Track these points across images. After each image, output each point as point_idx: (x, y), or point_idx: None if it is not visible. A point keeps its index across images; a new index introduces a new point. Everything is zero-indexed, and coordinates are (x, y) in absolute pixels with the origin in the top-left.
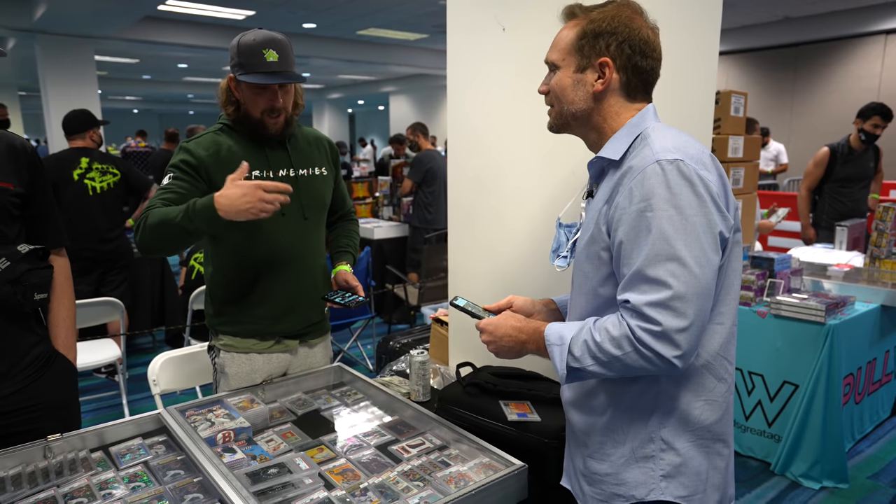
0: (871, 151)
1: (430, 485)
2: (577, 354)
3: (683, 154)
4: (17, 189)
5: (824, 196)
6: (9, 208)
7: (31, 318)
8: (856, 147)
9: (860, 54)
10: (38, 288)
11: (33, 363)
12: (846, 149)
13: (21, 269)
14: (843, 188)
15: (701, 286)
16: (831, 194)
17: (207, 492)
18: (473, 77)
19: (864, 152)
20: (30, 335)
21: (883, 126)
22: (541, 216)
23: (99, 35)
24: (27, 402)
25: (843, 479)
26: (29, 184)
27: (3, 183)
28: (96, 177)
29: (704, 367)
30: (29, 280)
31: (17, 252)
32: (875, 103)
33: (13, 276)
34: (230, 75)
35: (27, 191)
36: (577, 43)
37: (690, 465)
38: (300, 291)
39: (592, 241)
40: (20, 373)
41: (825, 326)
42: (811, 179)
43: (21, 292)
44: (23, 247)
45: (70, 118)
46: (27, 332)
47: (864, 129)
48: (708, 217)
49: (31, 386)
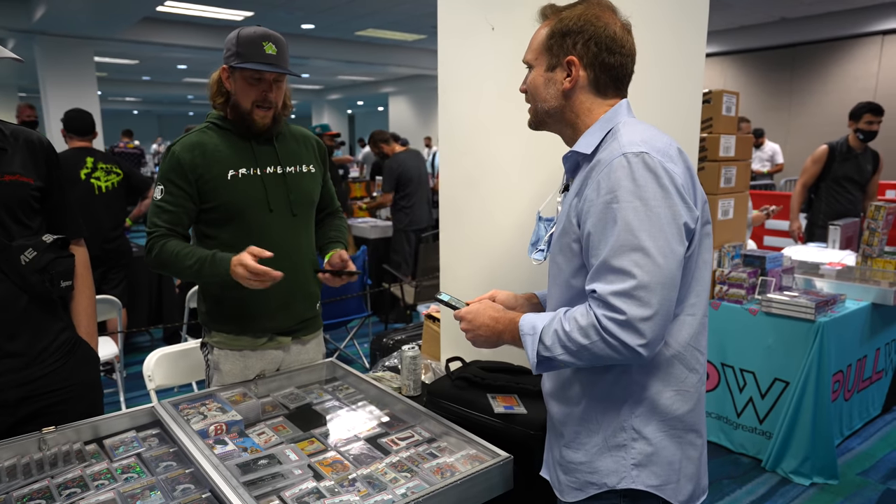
0: (869, 154)
1: (418, 475)
2: (548, 343)
3: (649, 147)
4: (37, 183)
5: (821, 194)
6: (30, 202)
7: (58, 305)
8: (855, 147)
9: (857, 55)
10: (63, 276)
11: (61, 348)
12: (845, 147)
13: (47, 258)
14: (840, 187)
15: (665, 276)
16: (828, 193)
17: (199, 482)
18: (464, 77)
19: (862, 153)
20: (57, 321)
21: (877, 121)
22: (529, 213)
23: (98, 36)
24: (59, 384)
25: (832, 476)
26: (47, 177)
27: (24, 178)
28: (101, 176)
29: (675, 358)
30: (55, 268)
31: (42, 242)
32: (863, 103)
33: (40, 266)
34: (223, 66)
35: (46, 184)
36: (547, 42)
37: (662, 455)
38: (291, 288)
39: (564, 233)
40: (51, 356)
41: (815, 324)
42: (808, 176)
43: (49, 280)
44: (47, 237)
45: (75, 118)
46: (55, 319)
47: (860, 129)
48: (672, 209)
49: (61, 369)
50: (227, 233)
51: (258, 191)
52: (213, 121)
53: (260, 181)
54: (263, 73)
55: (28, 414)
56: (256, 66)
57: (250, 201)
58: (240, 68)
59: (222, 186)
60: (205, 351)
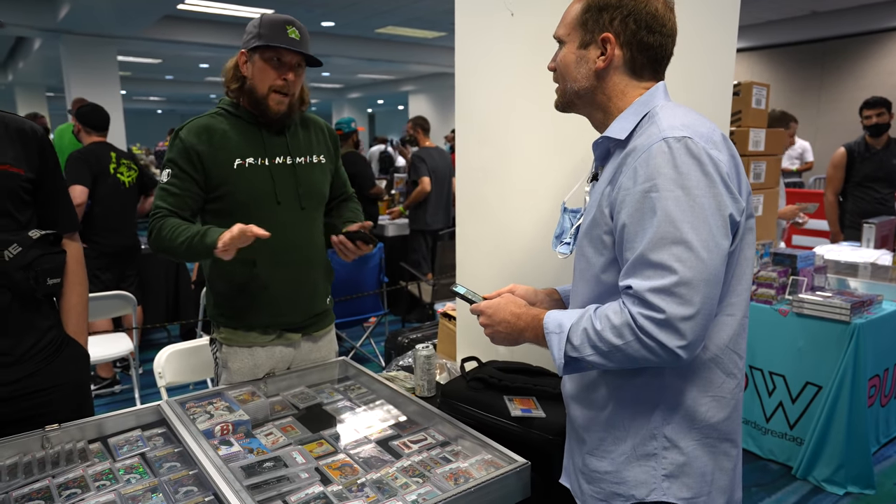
0: (893, 148)
1: (430, 481)
2: (576, 343)
3: (692, 132)
4: (27, 174)
5: (847, 197)
6: (20, 193)
7: (45, 303)
8: (872, 143)
9: (889, 49)
10: (50, 273)
11: (47, 347)
12: (863, 147)
13: (33, 254)
14: (866, 187)
15: (708, 272)
16: (854, 194)
17: (202, 485)
18: (481, 65)
19: (884, 148)
20: (44, 320)
21: (875, 113)
22: (550, 204)
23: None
24: (44, 385)
25: (868, 485)
26: (39, 169)
27: (14, 168)
28: (125, 171)
29: (712, 361)
30: (41, 266)
31: (28, 238)
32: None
33: (25, 262)
34: (241, 51)
35: (38, 176)
36: (582, 17)
37: (695, 466)
38: (300, 282)
39: (594, 225)
40: (36, 355)
41: (850, 325)
42: (836, 184)
43: (33, 277)
44: (34, 232)
45: (91, 112)
46: (41, 317)
47: (866, 125)
48: (717, 199)
49: (46, 369)
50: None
51: (266, 182)
52: (223, 107)
53: (268, 171)
54: (284, 56)
55: (12, 414)
56: (280, 45)
57: (257, 192)
58: (260, 50)
59: (228, 175)
60: (213, 348)
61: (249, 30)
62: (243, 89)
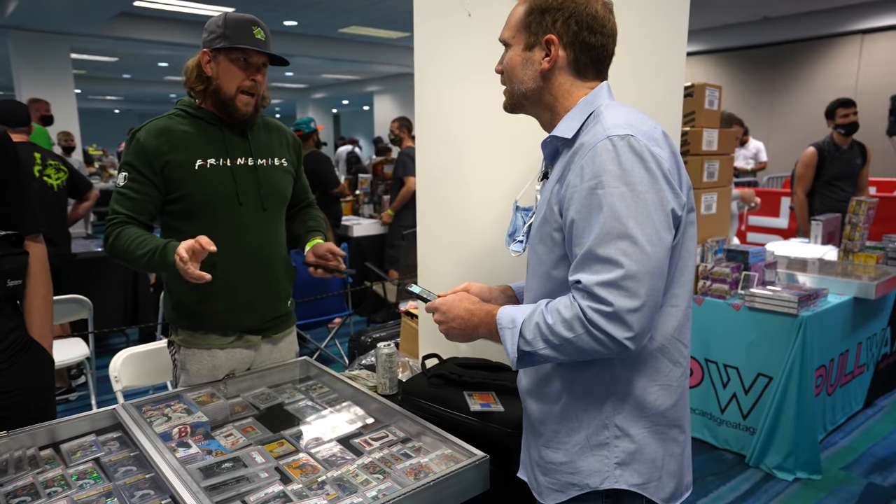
0: (856, 147)
1: (390, 477)
2: (529, 338)
3: (635, 130)
4: None
5: (815, 195)
6: None
7: (7, 305)
8: (840, 143)
9: (837, 54)
10: (10, 274)
11: (9, 348)
12: (832, 146)
13: None
14: (833, 187)
15: (653, 265)
16: (822, 192)
17: (159, 488)
18: (440, 65)
19: (850, 148)
20: (6, 321)
21: (851, 112)
22: (507, 205)
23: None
24: (7, 388)
25: (816, 471)
26: (1, 169)
27: None
28: (52, 174)
29: (659, 351)
30: (1, 266)
31: None
32: (833, 101)
33: None
34: (203, 50)
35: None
36: (525, 20)
37: (645, 452)
38: (261, 284)
39: (545, 222)
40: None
41: (798, 318)
42: (806, 182)
43: None
44: None
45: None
46: (2, 319)
47: (839, 124)
48: (660, 194)
49: (8, 371)
50: (194, 226)
51: (227, 183)
52: (182, 108)
53: (230, 172)
54: (251, 57)
55: None
56: (250, 47)
57: (218, 193)
58: (227, 51)
59: (189, 176)
60: (171, 350)
61: (212, 29)
62: (208, 90)
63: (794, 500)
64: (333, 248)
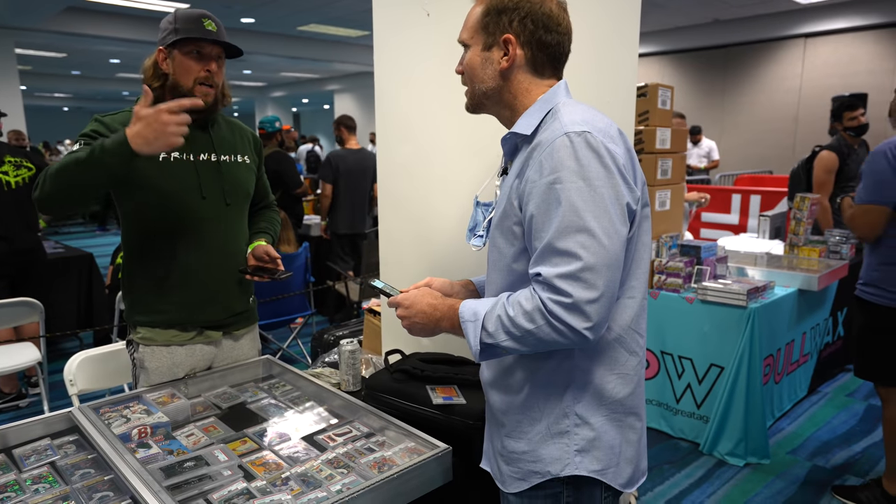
0: (864, 146)
1: (354, 471)
2: (491, 330)
3: (591, 127)
4: None
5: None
6: None
7: None
8: (851, 142)
9: (783, 56)
10: None
11: None
12: (846, 148)
13: None
14: (848, 187)
15: (610, 257)
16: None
17: (118, 489)
18: (400, 64)
19: (860, 146)
20: None
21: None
22: (468, 201)
23: (18, 26)
24: None
25: (765, 456)
26: None
27: None
28: (10, 171)
29: (616, 341)
30: None
31: None
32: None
33: None
34: (158, 48)
35: None
36: (483, 20)
37: (604, 440)
38: (222, 279)
39: (505, 217)
40: None
41: (747, 310)
42: (829, 188)
43: None
44: None
45: None
46: None
47: (848, 127)
48: (616, 189)
49: None
50: (157, 218)
51: (190, 176)
52: None
53: (192, 167)
54: (204, 48)
55: None
56: (200, 36)
57: (181, 186)
58: (179, 44)
59: (151, 168)
60: (130, 349)
61: (164, 26)
62: (166, 86)
63: (745, 484)
64: (270, 250)
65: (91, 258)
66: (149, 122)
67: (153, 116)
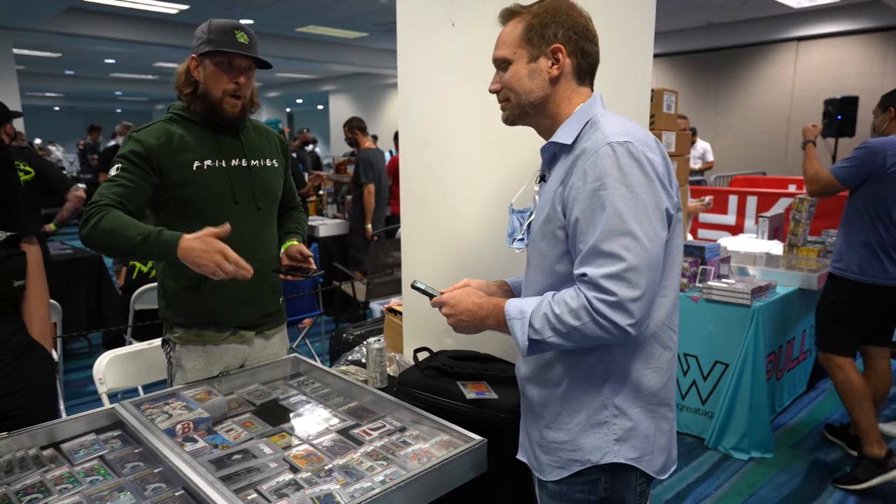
0: None
1: (394, 463)
2: (538, 327)
3: (632, 137)
4: None
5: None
6: None
7: (10, 306)
8: None
9: (775, 59)
10: (15, 275)
11: (14, 349)
12: None
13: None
14: None
15: (651, 258)
16: None
17: (169, 481)
18: (425, 70)
19: None
20: (9, 323)
21: None
22: (490, 203)
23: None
24: (12, 388)
25: (768, 450)
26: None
27: None
28: None
29: (652, 337)
30: (7, 267)
31: None
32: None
33: None
34: (192, 56)
35: None
36: (526, 35)
37: (640, 429)
38: (255, 281)
39: (548, 221)
40: (3, 358)
41: (751, 308)
42: None
43: (1, 280)
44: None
45: None
46: (7, 320)
47: None
48: (656, 195)
49: (14, 372)
50: (192, 224)
51: (223, 183)
52: (176, 112)
53: (225, 173)
54: (235, 61)
55: None
56: (230, 50)
57: (215, 193)
58: (211, 55)
59: (187, 177)
60: (166, 348)
61: (199, 35)
62: (196, 94)
63: (750, 477)
64: (303, 249)
65: (100, 259)
66: (210, 254)
67: (216, 253)
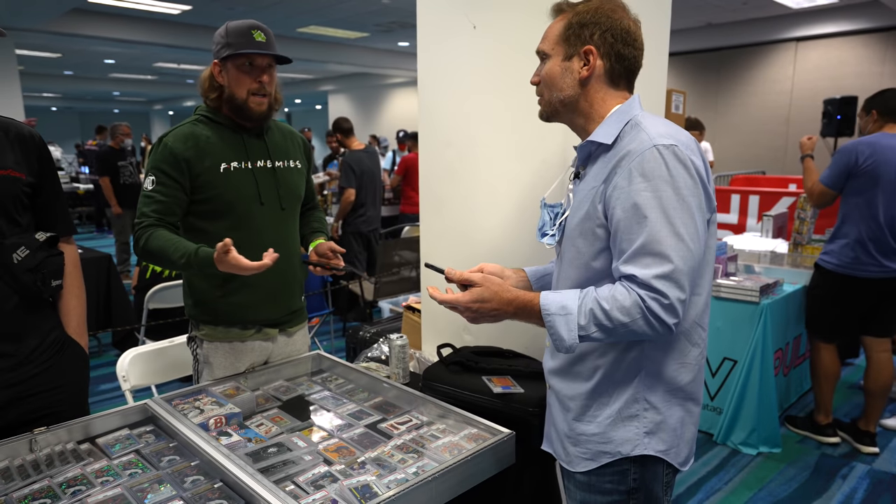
0: None
1: (425, 455)
2: (583, 323)
3: (676, 140)
4: (28, 179)
5: None
6: (21, 198)
7: (47, 304)
8: None
9: (774, 60)
10: (54, 275)
11: (51, 347)
12: None
13: (39, 256)
14: None
15: (695, 260)
16: None
17: (207, 473)
18: (447, 72)
19: None
20: (47, 321)
21: None
22: (511, 203)
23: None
24: (49, 385)
25: (776, 445)
26: (39, 173)
27: (16, 173)
28: None
29: (683, 334)
30: (47, 267)
31: (35, 240)
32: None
33: (32, 265)
34: (214, 61)
35: (38, 180)
36: (565, 33)
37: (669, 423)
38: (279, 279)
39: (587, 219)
40: (41, 355)
41: (759, 306)
42: None
43: (40, 280)
44: (40, 234)
45: None
46: (45, 318)
47: None
48: (699, 198)
49: (51, 369)
50: (218, 226)
51: (249, 184)
52: (203, 114)
53: (251, 175)
54: (255, 60)
55: (18, 415)
56: (249, 51)
57: (242, 194)
58: (232, 58)
59: (215, 179)
60: (192, 345)
61: (217, 40)
62: (223, 98)
63: (758, 471)
64: (334, 246)
65: (109, 259)
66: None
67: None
